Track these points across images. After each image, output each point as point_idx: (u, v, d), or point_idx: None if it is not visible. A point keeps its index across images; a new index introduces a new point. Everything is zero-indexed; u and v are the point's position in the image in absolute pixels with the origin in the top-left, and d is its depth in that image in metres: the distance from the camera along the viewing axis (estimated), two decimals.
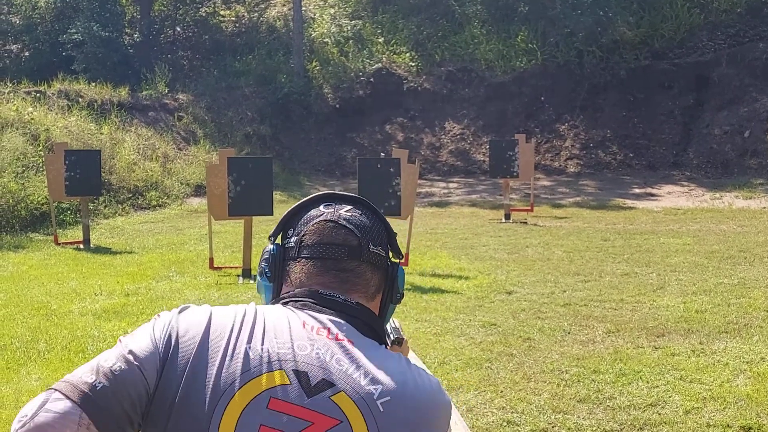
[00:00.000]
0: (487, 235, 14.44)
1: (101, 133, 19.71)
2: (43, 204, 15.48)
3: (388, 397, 1.61)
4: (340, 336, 1.67)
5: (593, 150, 23.27)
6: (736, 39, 23.91)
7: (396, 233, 1.89)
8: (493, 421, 5.43)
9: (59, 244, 13.73)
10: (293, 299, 1.74)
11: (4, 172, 15.49)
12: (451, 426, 3.33)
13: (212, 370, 1.59)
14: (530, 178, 17.17)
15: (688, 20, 24.37)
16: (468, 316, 8.43)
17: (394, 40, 27.00)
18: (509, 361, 6.80)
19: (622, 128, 23.34)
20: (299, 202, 1.86)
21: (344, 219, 1.79)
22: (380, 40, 27.13)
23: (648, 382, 6.12)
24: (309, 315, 1.70)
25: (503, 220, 16.27)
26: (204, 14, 29.05)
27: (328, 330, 1.67)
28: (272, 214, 11.39)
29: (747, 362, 6.61)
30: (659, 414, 5.51)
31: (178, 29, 28.76)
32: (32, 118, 18.18)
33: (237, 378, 1.58)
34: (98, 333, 8.00)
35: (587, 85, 24.17)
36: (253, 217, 11.22)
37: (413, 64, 26.14)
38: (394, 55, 26.55)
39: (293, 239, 1.81)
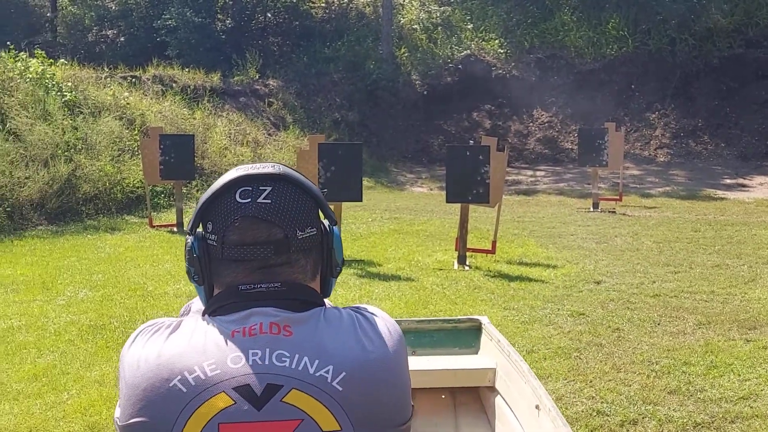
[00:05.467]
0: (574, 224, 14.36)
1: (194, 118, 20.07)
2: (138, 187, 15.86)
3: (343, 374, 1.52)
4: (275, 328, 1.56)
5: (684, 139, 22.91)
6: None
7: (323, 192, 1.71)
8: (582, 411, 5.46)
9: (153, 226, 14.05)
10: (219, 306, 1.62)
11: (101, 155, 15.88)
12: (544, 411, 3.39)
13: (153, 413, 1.51)
14: (619, 167, 16.98)
15: None
16: (556, 305, 8.42)
17: (483, 27, 26.90)
18: (598, 351, 6.80)
19: (714, 117, 22.93)
20: (212, 189, 1.65)
21: (264, 209, 1.61)
22: (469, 26, 27.06)
23: (740, 375, 6.07)
24: (236, 319, 1.58)
25: (591, 209, 16.14)
26: (294, 0, 29.29)
27: (260, 326, 1.56)
28: (361, 200, 11.53)
29: None
30: (751, 407, 5.47)
31: (269, 15, 29.05)
32: (128, 103, 18.58)
33: (178, 415, 1.48)
34: None
35: (679, 74, 23.79)
36: (343, 203, 11.34)
37: (502, 51, 26.03)
38: (483, 42, 26.46)
39: (213, 237, 1.63)
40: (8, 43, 18.46)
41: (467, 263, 10.74)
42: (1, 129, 14.66)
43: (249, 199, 1.61)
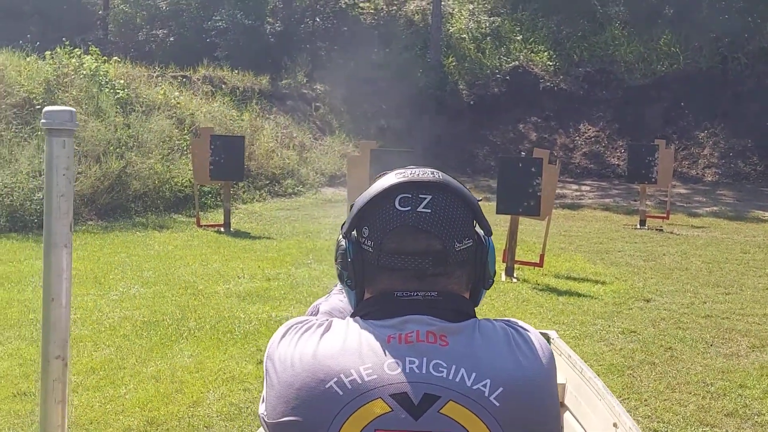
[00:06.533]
0: (622, 240, 14.28)
1: (242, 120, 20.21)
2: (186, 186, 15.99)
3: (501, 389, 1.48)
4: (431, 337, 1.53)
5: (733, 159, 22.70)
6: None
7: (480, 199, 1.67)
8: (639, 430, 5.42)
9: (201, 226, 14.16)
10: (371, 310, 1.60)
11: (152, 153, 16.03)
12: (623, 429, 3.38)
13: (307, 414, 1.49)
14: (668, 185, 16.87)
15: None
16: (606, 321, 8.38)
17: (532, 39, 26.84)
18: (651, 369, 6.76)
19: (764, 138, 22.68)
20: (370, 193, 1.64)
21: (424, 219, 1.57)
22: (518, 37, 27.00)
23: None
24: (392, 325, 1.56)
25: (638, 226, 16.03)
26: (344, 5, 29.38)
27: (417, 334, 1.53)
28: None
29: None
30: None
31: (318, 20, 29.19)
32: (178, 103, 18.75)
33: (334, 417, 1.46)
34: (244, 315, 8.26)
35: (730, 93, 23.59)
36: None
37: (551, 64, 25.95)
38: (532, 54, 26.40)
39: (369, 243, 1.61)
40: (63, 39, 18.66)
41: (515, 275, 10.72)
42: None
43: (409, 207, 1.58)
